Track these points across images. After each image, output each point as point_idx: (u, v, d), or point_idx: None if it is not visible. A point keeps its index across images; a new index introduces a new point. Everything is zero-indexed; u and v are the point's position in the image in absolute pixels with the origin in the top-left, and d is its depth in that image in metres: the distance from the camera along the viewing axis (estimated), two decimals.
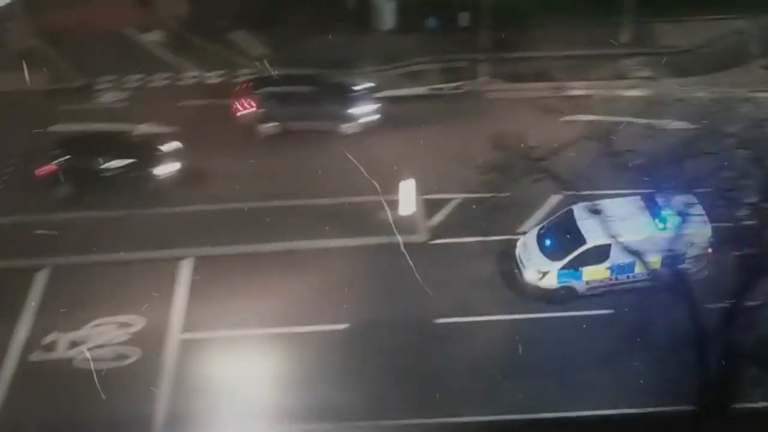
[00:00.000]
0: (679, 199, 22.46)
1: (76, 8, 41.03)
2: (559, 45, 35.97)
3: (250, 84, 32.77)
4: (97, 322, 24.59)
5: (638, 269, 24.21)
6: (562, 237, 25.20)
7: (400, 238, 26.91)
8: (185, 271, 26.29)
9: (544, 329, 24.35)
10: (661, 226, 23.97)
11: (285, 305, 24.91)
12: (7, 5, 38.08)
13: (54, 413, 22.22)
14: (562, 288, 24.85)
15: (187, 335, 24.31)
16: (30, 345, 24.08)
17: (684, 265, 22.40)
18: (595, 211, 23.58)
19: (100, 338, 24.18)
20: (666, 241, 22.20)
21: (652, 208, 24.47)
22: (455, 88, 34.84)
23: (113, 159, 29.18)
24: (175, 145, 30.28)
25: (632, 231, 23.60)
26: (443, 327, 24.43)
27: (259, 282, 25.65)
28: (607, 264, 24.59)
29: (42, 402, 22.53)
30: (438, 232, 27.69)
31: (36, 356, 23.75)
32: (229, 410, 22.19)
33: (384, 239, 27.11)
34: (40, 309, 25.15)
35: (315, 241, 27.17)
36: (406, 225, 27.57)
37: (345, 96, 32.13)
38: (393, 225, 27.31)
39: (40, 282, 25.98)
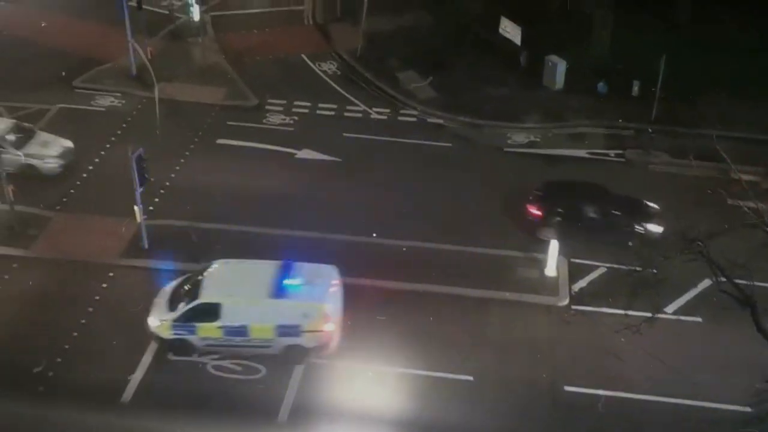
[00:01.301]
0: (317, 270, 23.08)
1: (258, 31, 43.11)
2: (730, 125, 34.68)
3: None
4: None
5: (254, 334, 23.51)
6: (190, 289, 24.46)
7: (540, 299, 26.50)
8: None
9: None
10: (277, 293, 23.48)
11: (414, 345, 24.84)
12: (199, 22, 40.30)
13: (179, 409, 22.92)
14: (177, 340, 23.92)
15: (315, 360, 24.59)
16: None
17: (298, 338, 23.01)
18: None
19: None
20: (277, 311, 22.86)
21: (281, 275, 23.95)
22: (618, 155, 34.19)
23: (603, 209, 28.84)
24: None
25: (246, 294, 23.41)
26: (572, 395, 23.76)
27: (393, 318, 25.72)
28: (218, 323, 23.55)
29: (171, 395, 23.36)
30: (579, 298, 27.08)
31: (172, 356, 24.53)
32: None
33: (523, 297, 26.74)
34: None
35: (452, 287, 27.05)
36: (548, 286, 27.14)
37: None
38: (534, 284, 26.94)
39: None
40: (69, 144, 32.26)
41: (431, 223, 29.77)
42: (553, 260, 27.45)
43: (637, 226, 28.60)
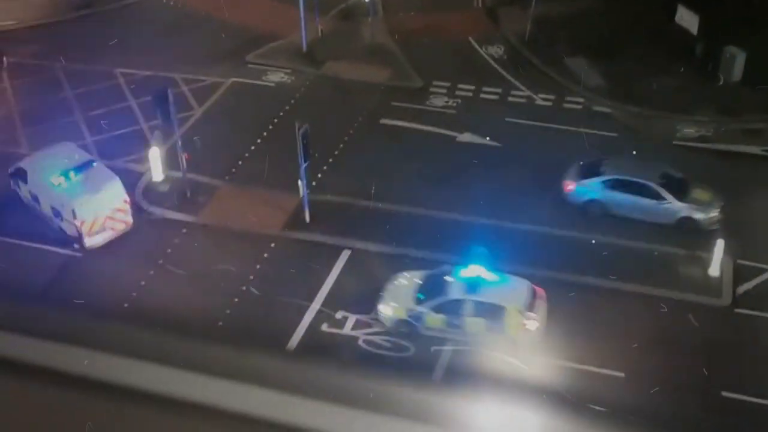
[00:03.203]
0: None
1: (427, 13, 43.24)
2: None
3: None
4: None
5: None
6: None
7: (702, 299, 25.54)
8: None
9: None
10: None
11: (567, 337, 24.49)
12: (370, 2, 40.85)
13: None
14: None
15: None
16: (322, 317, 25.70)
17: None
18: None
19: (382, 326, 25.24)
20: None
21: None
22: None
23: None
24: None
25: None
26: (730, 402, 22.82)
27: (551, 308, 25.41)
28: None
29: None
30: (744, 300, 25.90)
31: (326, 327, 25.28)
32: None
33: (684, 295, 25.84)
34: (336, 285, 26.72)
35: (611, 282, 26.43)
36: (711, 286, 26.11)
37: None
38: (697, 283, 25.98)
39: (342, 260, 27.60)
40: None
41: (592, 215, 29.16)
42: (717, 260, 26.35)
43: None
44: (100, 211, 27.95)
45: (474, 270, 24.74)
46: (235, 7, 44.00)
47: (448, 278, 25.03)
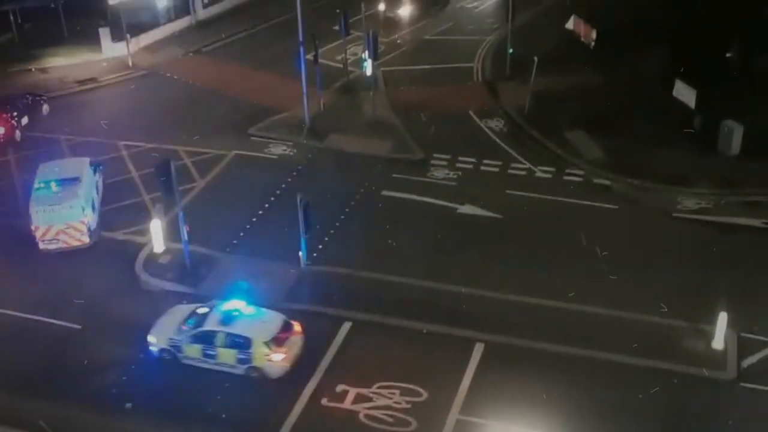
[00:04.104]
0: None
1: (428, 87, 43.96)
2: None
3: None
4: (385, 384, 25.35)
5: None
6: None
7: (706, 372, 25.28)
8: (478, 354, 26.44)
9: None
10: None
11: (568, 411, 24.15)
12: (371, 76, 41.45)
13: None
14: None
15: (464, 417, 24.30)
16: (322, 389, 25.35)
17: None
18: None
19: (383, 400, 24.91)
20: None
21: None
22: None
23: None
24: None
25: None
26: None
27: (541, 381, 25.16)
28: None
29: None
30: (749, 374, 25.60)
31: (326, 401, 24.95)
32: None
33: (687, 368, 25.56)
34: (337, 357, 26.48)
35: (613, 354, 26.18)
36: (715, 359, 25.86)
37: None
38: (700, 356, 25.73)
39: (342, 333, 27.40)
40: None
41: (595, 285, 29.06)
42: (721, 332, 26.14)
43: None
44: (55, 224, 30.52)
45: (233, 304, 26.35)
46: (238, 82, 44.75)
47: (205, 311, 26.48)
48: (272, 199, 34.40)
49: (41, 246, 30.82)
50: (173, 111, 40.64)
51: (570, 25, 48.32)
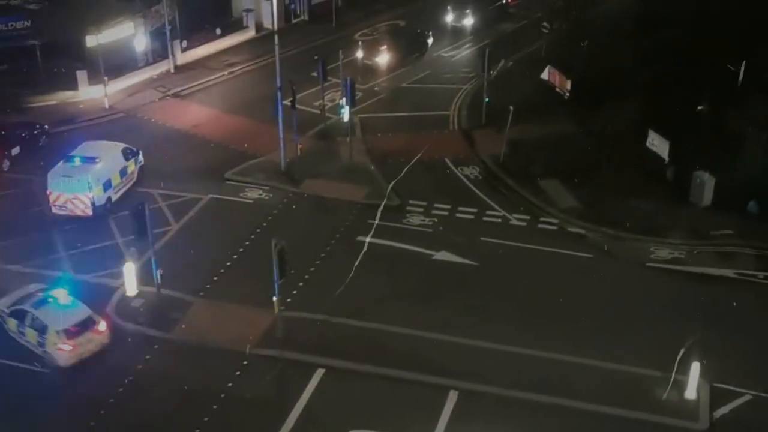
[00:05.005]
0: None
1: (404, 134, 44.25)
2: None
3: None
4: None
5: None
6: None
7: (678, 422, 25.26)
8: (451, 402, 26.29)
9: None
10: None
11: None
12: (348, 122, 41.65)
13: None
14: None
15: None
16: None
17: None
18: None
19: None
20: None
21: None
22: (766, 277, 32.68)
23: None
24: None
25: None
26: None
27: (515, 430, 25.01)
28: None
29: None
30: (721, 425, 25.62)
31: None
32: None
33: (660, 418, 25.56)
34: (310, 404, 26.21)
35: (585, 403, 26.14)
36: (687, 409, 25.88)
37: None
38: (673, 406, 25.74)
39: (315, 379, 27.19)
40: None
41: (570, 334, 29.07)
42: (693, 382, 26.20)
43: None
44: (65, 192, 35.24)
45: (56, 291, 28.64)
46: (215, 126, 44.81)
47: (33, 291, 29.20)
48: (247, 243, 34.28)
49: (53, 210, 35.44)
50: (149, 154, 40.54)
51: (545, 75, 48.95)
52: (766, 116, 38.68)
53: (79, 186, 35.19)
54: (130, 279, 29.67)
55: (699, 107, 42.21)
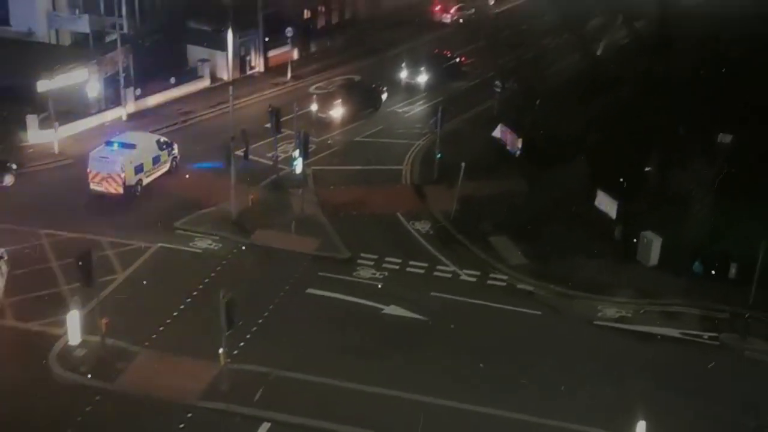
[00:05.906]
0: None
1: (357, 187, 44.39)
2: None
3: None
4: None
5: None
6: None
7: None
8: None
9: None
10: None
11: None
12: (301, 174, 41.68)
13: None
14: None
15: None
16: None
17: None
18: None
19: None
20: None
21: None
22: (712, 338, 33.12)
23: None
24: None
25: None
26: None
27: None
28: None
29: None
30: None
31: None
32: None
33: None
34: None
35: None
36: None
37: None
38: None
39: None
40: None
41: (516, 392, 29.07)
42: None
43: None
44: (101, 171, 40.73)
45: None
46: (164, 175, 44.48)
47: None
48: (195, 293, 33.85)
49: (91, 186, 40.90)
50: (98, 201, 40.11)
51: (497, 133, 49.63)
52: (711, 178, 39.55)
53: (112, 166, 40.55)
54: (73, 327, 29.05)
55: (647, 168, 43.07)
